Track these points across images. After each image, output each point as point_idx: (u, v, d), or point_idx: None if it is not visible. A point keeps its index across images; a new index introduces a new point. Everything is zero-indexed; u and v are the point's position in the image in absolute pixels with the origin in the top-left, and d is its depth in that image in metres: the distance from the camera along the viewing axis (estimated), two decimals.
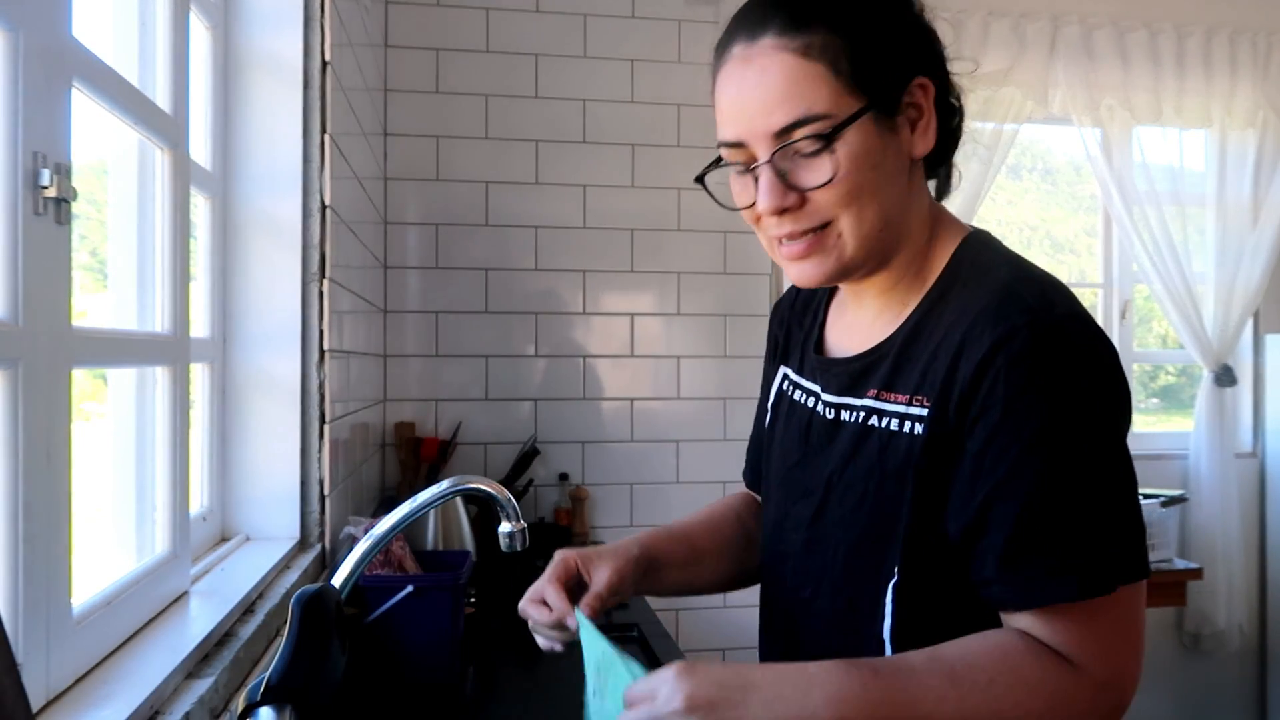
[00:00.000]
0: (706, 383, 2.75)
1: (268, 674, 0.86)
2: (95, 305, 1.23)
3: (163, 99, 1.20)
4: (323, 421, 1.58)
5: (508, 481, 2.48)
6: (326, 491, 1.58)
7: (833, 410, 0.88)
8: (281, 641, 0.88)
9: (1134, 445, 2.58)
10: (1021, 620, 0.74)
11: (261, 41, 1.52)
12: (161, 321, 1.20)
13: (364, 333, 2.16)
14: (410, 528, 1.62)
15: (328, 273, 1.58)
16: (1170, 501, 2.61)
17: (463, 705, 1.45)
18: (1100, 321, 3.31)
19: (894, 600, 0.80)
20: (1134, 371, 3.27)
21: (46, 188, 0.82)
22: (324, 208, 1.58)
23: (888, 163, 0.80)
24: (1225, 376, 3.10)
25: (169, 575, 1.16)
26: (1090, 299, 3.35)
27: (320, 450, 1.57)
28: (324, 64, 1.58)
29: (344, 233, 1.79)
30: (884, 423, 0.82)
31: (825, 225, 0.81)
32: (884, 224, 0.81)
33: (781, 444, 0.96)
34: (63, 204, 0.86)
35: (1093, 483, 0.73)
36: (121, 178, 1.17)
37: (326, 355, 1.57)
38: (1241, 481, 3.16)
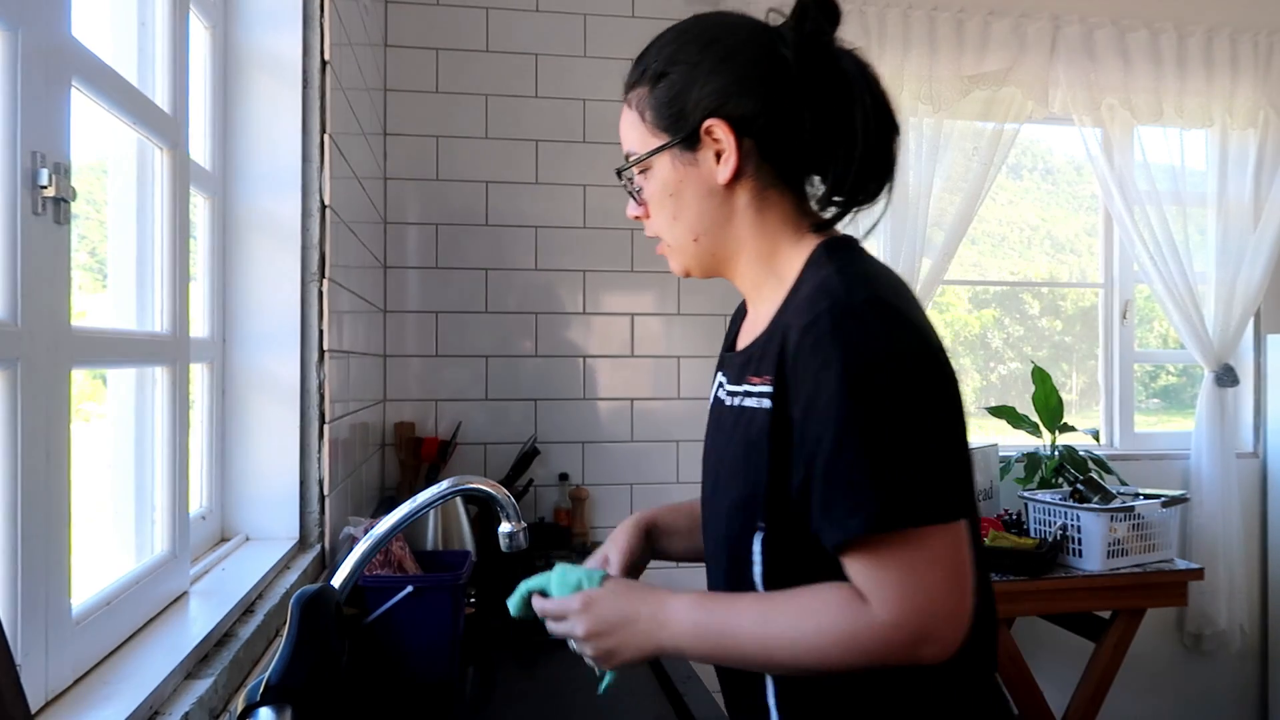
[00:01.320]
0: (706, 383, 2.74)
1: (267, 674, 0.85)
2: (95, 305, 1.23)
3: (162, 98, 1.20)
4: (322, 421, 1.58)
5: (508, 481, 2.48)
6: (326, 491, 1.58)
7: (729, 397, 1.02)
8: (281, 642, 0.88)
9: (1135, 445, 2.57)
10: (846, 565, 0.86)
11: (261, 41, 1.52)
12: (161, 322, 1.20)
13: (364, 333, 2.16)
14: (410, 528, 1.62)
15: (327, 273, 1.58)
16: (1171, 501, 2.61)
17: (463, 705, 1.45)
18: (1100, 321, 3.31)
19: (761, 551, 0.93)
20: (1135, 372, 3.27)
21: (45, 187, 0.82)
22: (324, 208, 1.58)
23: (689, 188, 0.98)
24: (1226, 376, 3.10)
25: (168, 575, 1.16)
26: (1091, 299, 3.35)
27: (320, 450, 1.57)
28: (324, 63, 1.58)
29: (344, 233, 1.79)
30: (749, 402, 0.96)
31: (660, 235, 1.04)
32: (693, 237, 1.01)
33: (707, 431, 1.10)
34: (62, 204, 0.85)
35: (885, 436, 0.83)
36: (121, 177, 1.17)
37: (326, 355, 1.57)
38: (1243, 481, 3.16)
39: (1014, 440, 3.00)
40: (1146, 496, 2.62)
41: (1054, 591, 2.43)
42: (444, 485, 1.02)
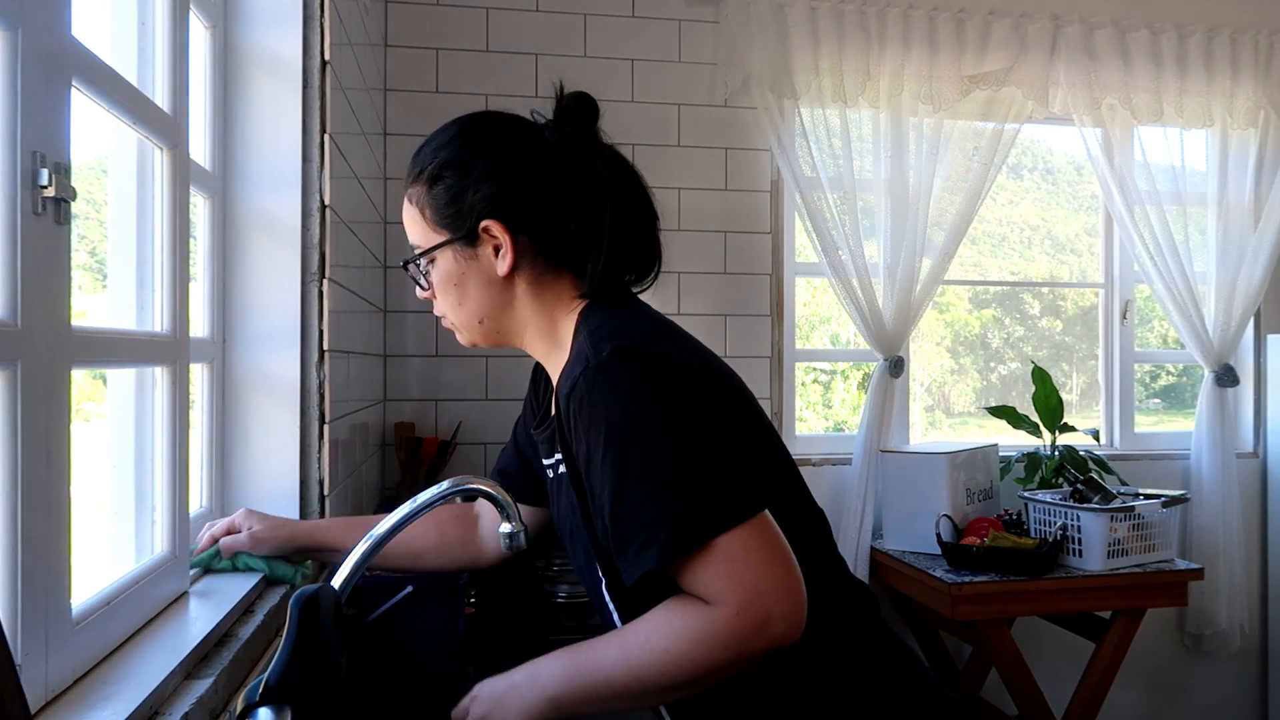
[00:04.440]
0: None
1: (266, 674, 0.86)
2: (94, 305, 1.23)
3: (162, 98, 1.20)
4: (322, 421, 1.58)
5: None
6: (326, 491, 1.58)
7: (551, 471, 1.13)
8: (280, 642, 0.88)
9: (1135, 445, 2.56)
10: (680, 584, 0.93)
11: (261, 41, 1.52)
12: (161, 321, 1.20)
13: (364, 333, 2.16)
14: None
15: (327, 272, 1.58)
16: (1171, 502, 2.61)
17: None
18: (1101, 321, 3.32)
19: (611, 598, 1.04)
20: (1135, 372, 3.27)
21: (45, 187, 0.82)
22: (324, 207, 1.58)
23: (471, 279, 1.08)
24: (1226, 376, 3.09)
25: (168, 575, 1.16)
26: (1091, 299, 3.35)
27: (320, 450, 1.57)
28: (323, 63, 1.58)
29: (344, 232, 1.79)
30: (562, 469, 1.06)
31: (446, 315, 1.13)
32: (478, 320, 1.10)
33: (550, 505, 1.19)
34: (62, 204, 0.85)
35: (649, 473, 0.90)
36: (121, 177, 1.17)
37: (326, 355, 1.57)
38: (1243, 481, 3.16)
39: (1014, 440, 3.00)
40: (1147, 496, 2.62)
41: (1054, 591, 2.42)
42: (444, 485, 1.02)
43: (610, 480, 0.91)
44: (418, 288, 1.14)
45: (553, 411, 1.13)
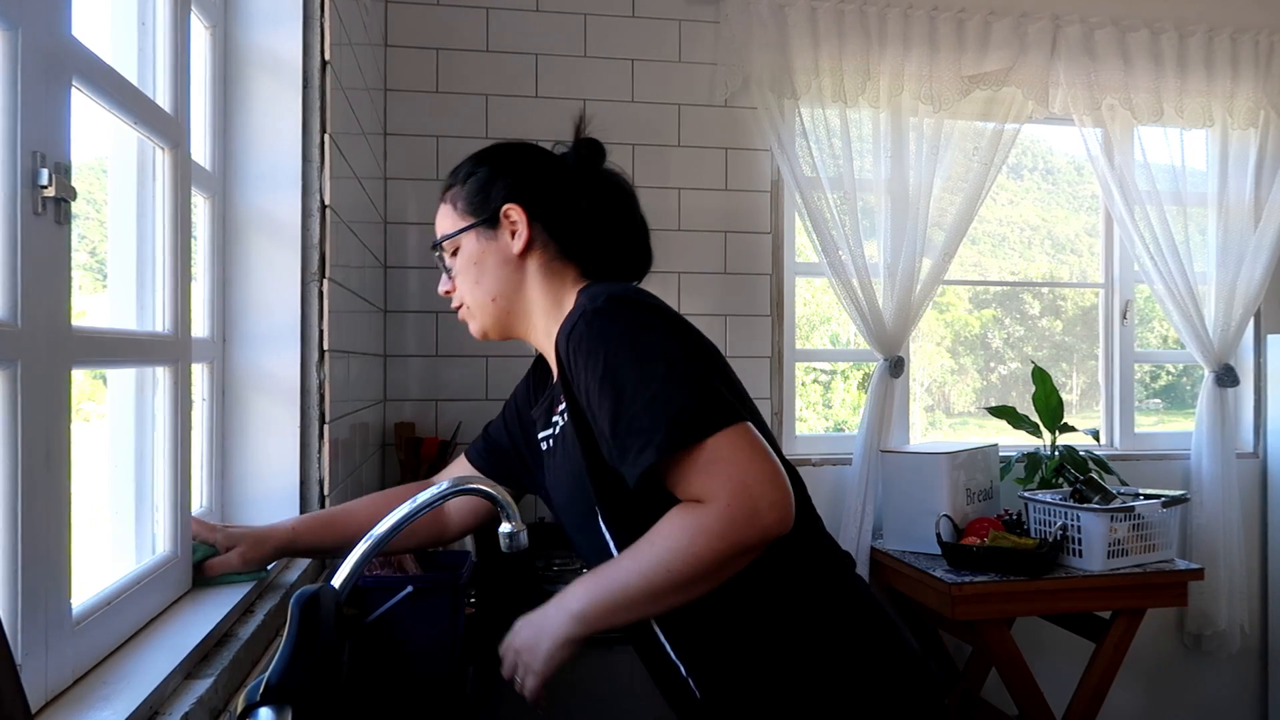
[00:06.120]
0: None
1: (267, 674, 0.86)
2: (95, 305, 1.23)
3: (162, 98, 1.20)
4: (322, 421, 1.58)
5: None
6: (326, 491, 1.58)
7: (548, 440, 1.24)
8: (281, 642, 0.88)
9: (1135, 445, 2.57)
10: (674, 492, 1.03)
11: (261, 40, 1.52)
12: (161, 321, 1.20)
13: (364, 333, 2.16)
14: None
15: (327, 272, 1.58)
16: (1171, 502, 2.61)
17: (463, 705, 1.44)
18: (1101, 321, 3.31)
19: (607, 528, 1.14)
20: (1135, 372, 3.27)
21: (46, 187, 0.82)
22: (324, 207, 1.58)
23: (489, 257, 1.22)
24: (1227, 377, 3.09)
25: (169, 575, 1.16)
26: (1091, 299, 3.35)
27: (320, 450, 1.57)
28: (324, 63, 1.58)
29: (344, 232, 1.79)
30: (559, 430, 1.20)
31: (463, 304, 1.26)
32: (493, 299, 1.23)
33: (543, 483, 1.32)
34: (62, 203, 0.85)
35: (645, 388, 1.02)
36: (121, 177, 1.17)
37: (326, 355, 1.57)
38: (1243, 482, 3.16)
39: (1014, 440, 3.00)
40: (1147, 497, 2.62)
41: (1054, 591, 2.43)
42: (444, 485, 1.02)
43: (610, 398, 1.03)
44: (442, 278, 1.27)
45: (553, 381, 1.24)
